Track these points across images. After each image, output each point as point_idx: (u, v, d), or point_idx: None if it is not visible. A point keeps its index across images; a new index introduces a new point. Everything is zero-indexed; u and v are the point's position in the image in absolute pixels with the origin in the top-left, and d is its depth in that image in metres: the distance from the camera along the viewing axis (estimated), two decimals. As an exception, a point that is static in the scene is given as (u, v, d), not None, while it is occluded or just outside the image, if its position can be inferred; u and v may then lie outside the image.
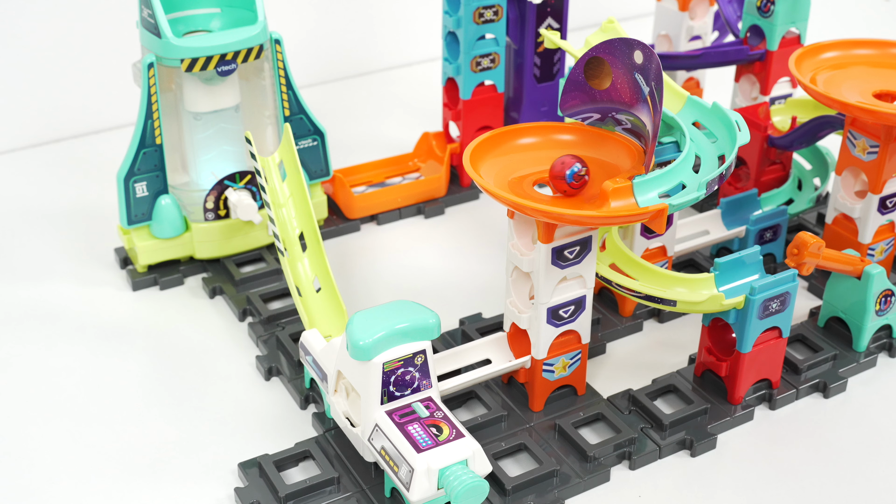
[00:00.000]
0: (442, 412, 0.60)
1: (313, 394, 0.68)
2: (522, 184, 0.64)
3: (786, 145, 0.83)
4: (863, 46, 0.78)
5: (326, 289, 0.71)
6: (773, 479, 0.63)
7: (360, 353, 0.58)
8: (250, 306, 0.76)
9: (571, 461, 0.63)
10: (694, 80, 0.99)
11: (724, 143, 0.66)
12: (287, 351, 0.72)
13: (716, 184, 0.62)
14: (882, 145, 0.72)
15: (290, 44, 0.83)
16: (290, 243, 0.72)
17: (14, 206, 0.91)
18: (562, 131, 0.68)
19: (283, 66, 0.79)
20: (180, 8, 0.78)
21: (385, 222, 0.89)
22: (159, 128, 0.76)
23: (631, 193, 0.60)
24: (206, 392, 0.70)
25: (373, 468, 0.62)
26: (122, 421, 0.68)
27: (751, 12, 0.86)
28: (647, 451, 0.64)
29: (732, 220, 0.80)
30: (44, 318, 0.77)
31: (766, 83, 0.87)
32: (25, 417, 0.68)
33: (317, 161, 0.84)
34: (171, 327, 0.76)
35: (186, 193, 0.81)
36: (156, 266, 0.81)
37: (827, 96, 0.71)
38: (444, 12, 0.87)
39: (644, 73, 0.62)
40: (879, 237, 0.77)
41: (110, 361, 0.73)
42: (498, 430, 0.66)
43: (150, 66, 0.75)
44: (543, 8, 0.90)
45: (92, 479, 0.63)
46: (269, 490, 0.61)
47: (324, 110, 1.05)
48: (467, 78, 0.88)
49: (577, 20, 1.16)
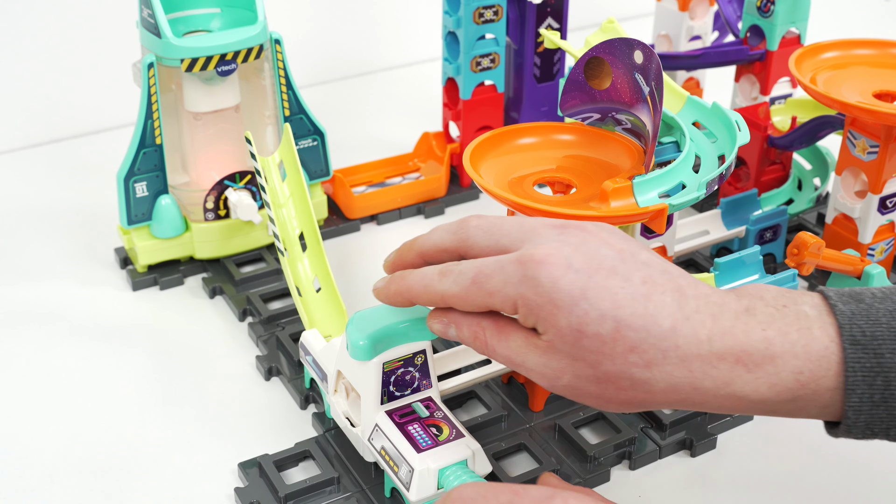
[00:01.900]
0: (442, 412, 0.60)
1: (313, 394, 0.68)
2: (522, 184, 0.64)
3: (786, 145, 0.83)
4: (863, 46, 0.78)
5: (326, 289, 0.71)
6: (773, 479, 0.63)
7: (359, 353, 0.58)
8: (250, 306, 0.76)
9: (571, 461, 0.63)
10: (694, 80, 0.99)
11: (724, 143, 0.66)
12: (287, 351, 0.72)
13: (716, 184, 0.62)
14: (882, 145, 0.72)
15: (290, 44, 0.83)
16: (290, 243, 0.72)
17: (14, 206, 0.91)
18: (562, 131, 0.68)
19: (283, 66, 0.79)
20: (180, 8, 0.78)
21: (385, 222, 0.89)
22: (159, 128, 0.76)
23: (631, 193, 0.60)
24: (206, 392, 0.70)
25: (373, 468, 0.62)
26: (122, 421, 0.68)
27: (751, 12, 0.86)
28: (647, 451, 0.64)
29: (732, 220, 0.80)
30: (44, 318, 0.77)
31: (766, 83, 0.87)
32: (25, 417, 0.68)
33: (317, 161, 0.84)
34: (171, 327, 0.76)
35: (186, 193, 0.81)
36: (156, 266, 0.81)
37: (827, 96, 0.71)
38: (444, 12, 0.87)
39: (644, 73, 0.62)
40: (879, 237, 0.77)
41: (110, 361, 0.73)
42: (498, 430, 0.66)
43: (150, 66, 0.75)
44: (543, 8, 0.90)
45: (92, 478, 0.63)
46: (269, 490, 0.61)
47: (324, 110, 1.04)
48: (467, 78, 0.88)
49: (577, 20, 1.16)
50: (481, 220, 0.52)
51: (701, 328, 0.48)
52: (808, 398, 0.48)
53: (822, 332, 0.47)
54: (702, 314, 0.48)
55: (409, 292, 0.52)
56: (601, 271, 0.48)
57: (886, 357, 0.46)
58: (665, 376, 0.48)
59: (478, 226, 0.52)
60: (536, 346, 0.49)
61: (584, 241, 0.50)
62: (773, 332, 0.48)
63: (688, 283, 0.49)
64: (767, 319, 0.48)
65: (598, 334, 0.48)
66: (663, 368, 0.48)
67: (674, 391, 0.48)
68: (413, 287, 0.52)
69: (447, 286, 0.51)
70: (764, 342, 0.47)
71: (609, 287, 0.48)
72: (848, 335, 0.47)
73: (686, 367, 0.48)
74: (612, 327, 0.47)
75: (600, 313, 0.47)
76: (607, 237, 0.50)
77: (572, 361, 0.48)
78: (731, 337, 0.47)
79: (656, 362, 0.48)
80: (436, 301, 0.52)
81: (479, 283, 0.50)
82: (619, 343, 0.48)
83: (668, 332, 0.47)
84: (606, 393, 0.49)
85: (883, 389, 0.47)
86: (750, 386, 0.48)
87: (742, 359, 0.47)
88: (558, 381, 0.49)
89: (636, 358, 0.48)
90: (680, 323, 0.48)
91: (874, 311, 0.47)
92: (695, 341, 0.47)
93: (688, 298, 0.48)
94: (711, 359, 0.47)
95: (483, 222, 0.52)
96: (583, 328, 0.48)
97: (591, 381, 0.49)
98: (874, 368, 0.46)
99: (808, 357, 0.47)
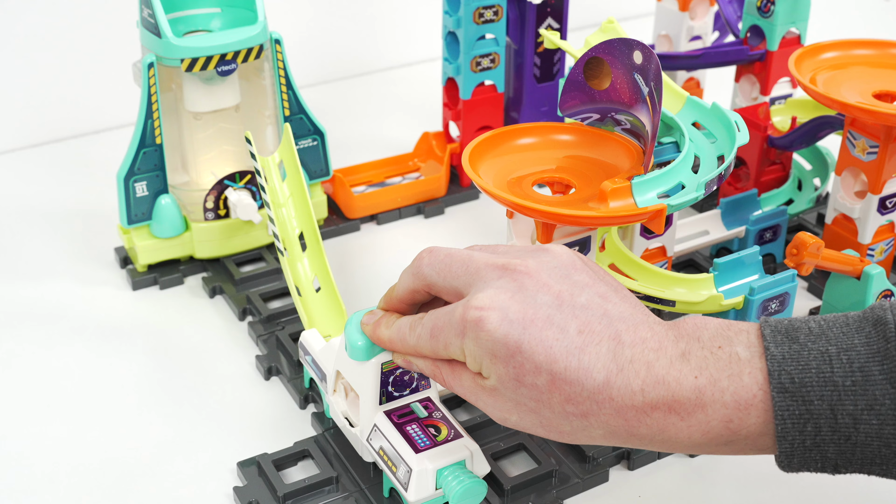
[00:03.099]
0: (440, 412, 0.60)
1: (312, 393, 0.68)
2: (522, 184, 0.64)
3: (786, 145, 0.83)
4: (862, 46, 0.78)
5: (326, 289, 0.71)
6: (773, 479, 0.63)
7: (358, 353, 0.58)
8: (250, 306, 0.77)
9: (570, 461, 0.63)
10: (694, 80, 0.99)
11: (724, 144, 0.66)
12: (286, 350, 0.72)
13: (715, 184, 0.62)
14: (882, 145, 0.72)
15: (290, 44, 0.83)
16: (290, 243, 0.72)
17: (14, 206, 0.91)
18: (561, 131, 0.68)
19: (283, 66, 0.79)
20: (180, 8, 0.78)
21: (385, 222, 0.89)
22: (159, 128, 0.76)
23: (630, 194, 0.60)
24: (206, 391, 0.70)
25: (371, 468, 0.62)
26: (122, 420, 0.68)
27: (751, 12, 0.86)
28: (646, 452, 0.64)
29: (732, 220, 0.80)
30: (44, 318, 0.77)
31: (766, 83, 0.87)
32: (25, 417, 0.68)
33: (317, 161, 0.84)
34: (170, 327, 0.76)
35: (186, 193, 0.81)
36: (156, 266, 0.81)
37: (827, 96, 0.71)
38: (444, 12, 0.87)
39: (643, 74, 0.62)
40: (879, 237, 0.77)
41: (110, 361, 0.73)
42: (497, 430, 0.66)
43: (151, 65, 0.75)
44: (543, 8, 0.90)
45: (92, 478, 0.63)
46: (267, 489, 0.61)
47: (324, 110, 1.05)
48: (467, 78, 0.88)
49: (577, 20, 1.16)
50: (432, 257, 0.54)
51: (634, 379, 0.48)
52: (741, 442, 0.49)
53: (751, 378, 0.48)
54: (636, 364, 0.49)
55: (392, 344, 0.56)
56: (536, 322, 0.49)
57: (815, 404, 0.46)
58: (602, 424, 0.49)
59: (430, 264, 0.54)
60: (484, 388, 0.51)
61: (521, 286, 0.50)
62: (704, 379, 0.48)
63: (626, 328, 0.50)
64: (701, 365, 0.48)
65: (534, 385, 0.49)
66: (599, 418, 0.49)
67: (612, 436, 0.50)
68: (393, 339, 0.56)
69: (415, 340, 0.54)
70: (695, 391, 0.48)
71: (544, 339, 0.49)
72: (777, 383, 0.47)
73: (621, 417, 0.49)
74: (548, 380, 0.49)
75: (535, 366, 0.49)
76: (546, 278, 0.51)
77: (516, 405, 0.51)
78: (664, 387, 0.48)
79: (592, 413, 0.49)
80: (411, 352, 0.55)
81: (435, 336, 0.52)
82: (554, 394, 0.49)
83: (601, 386, 0.48)
84: (551, 433, 0.51)
85: (814, 435, 0.47)
86: (684, 433, 0.48)
87: (674, 408, 0.48)
88: (507, 420, 0.52)
89: (572, 409, 0.49)
90: (614, 375, 0.48)
91: (805, 354, 0.47)
92: (628, 393, 0.48)
93: (624, 347, 0.49)
94: (645, 408, 0.48)
95: (434, 259, 0.54)
96: (520, 379, 0.49)
97: (535, 424, 0.51)
98: (803, 416, 0.47)
99: (736, 406, 0.48)
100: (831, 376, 0.46)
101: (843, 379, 0.46)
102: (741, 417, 0.48)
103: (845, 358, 0.47)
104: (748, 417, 0.48)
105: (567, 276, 0.51)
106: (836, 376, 0.46)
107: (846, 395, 0.46)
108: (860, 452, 0.47)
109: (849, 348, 0.47)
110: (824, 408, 0.46)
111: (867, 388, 0.46)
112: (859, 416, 0.46)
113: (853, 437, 0.47)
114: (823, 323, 0.48)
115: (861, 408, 0.46)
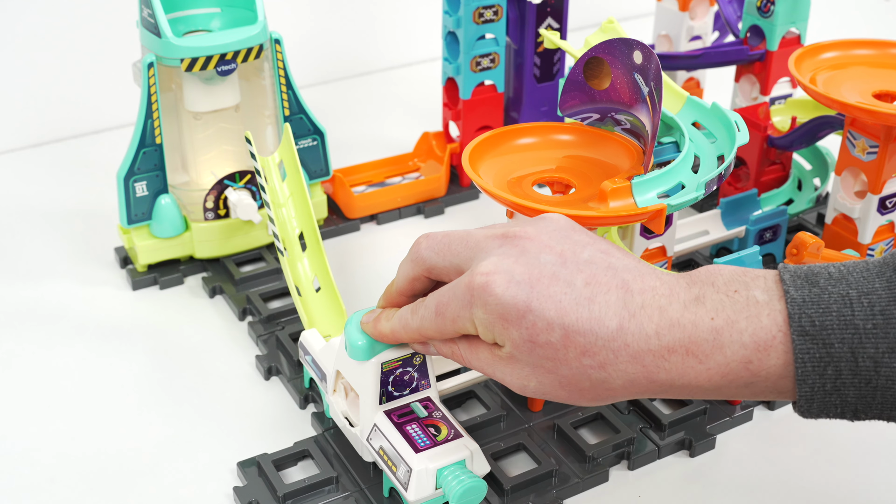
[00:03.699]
0: (440, 412, 0.60)
1: (312, 393, 0.68)
2: (521, 184, 0.64)
3: (786, 145, 0.83)
4: (862, 46, 0.78)
5: (326, 288, 0.71)
6: (773, 479, 0.63)
7: (358, 352, 0.58)
8: (250, 306, 0.77)
9: (570, 461, 0.63)
10: (694, 80, 0.99)
11: (724, 144, 0.66)
12: (286, 350, 0.72)
13: (715, 184, 0.62)
14: (882, 145, 0.72)
15: (290, 44, 0.83)
16: (290, 243, 0.72)
17: (14, 206, 0.91)
18: (561, 131, 0.68)
19: (283, 66, 0.79)
20: (180, 8, 0.78)
21: (385, 222, 0.89)
22: (159, 127, 0.76)
23: (629, 193, 0.60)
24: (206, 391, 0.70)
25: (371, 468, 0.62)
26: (122, 420, 0.68)
27: (751, 12, 0.86)
28: (646, 452, 0.64)
29: (732, 220, 0.80)
30: (44, 318, 0.77)
31: (766, 83, 0.87)
32: (25, 417, 0.68)
33: (317, 161, 0.84)
34: (170, 327, 0.76)
35: (186, 193, 0.81)
36: (156, 265, 0.81)
37: (827, 96, 0.71)
38: (444, 12, 0.87)
39: (643, 74, 0.62)
40: (879, 237, 0.77)
41: (110, 361, 0.73)
42: (497, 430, 0.66)
43: (150, 65, 0.75)
44: (543, 8, 0.90)
45: (92, 478, 0.63)
46: (267, 489, 0.61)
47: (324, 110, 1.05)
48: (467, 78, 0.88)
49: (577, 20, 1.16)
50: (430, 241, 0.54)
51: (648, 323, 0.48)
52: (761, 384, 0.48)
53: (770, 319, 0.47)
54: (648, 309, 0.48)
55: (394, 334, 0.55)
56: (542, 280, 0.49)
57: (836, 347, 0.46)
58: (620, 374, 0.49)
59: (428, 247, 0.54)
60: (500, 358, 0.51)
61: (523, 250, 0.50)
62: (721, 321, 0.48)
63: (633, 277, 0.50)
64: (717, 307, 0.48)
65: (549, 342, 0.49)
66: (617, 367, 0.49)
67: (633, 385, 0.49)
68: (395, 328, 0.55)
69: (419, 322, 0.53)
70: (712, 332, 0.48)
71: (552, 295, 0.49)
72: (797, 325, 0.46)
73: (639, 363, 0.48)
74: (561, 335, 0.49)
75: (547, 322, 0.49)
76: (547, 240, 0.51)
77: (533, 369, 0.50)
78: (680, 329, 0.48)
79: (609, 362, 0.49)
80: (416, 337, 0.54)
81: (441, 313, 0.52)
82: (570, 349, 0.49)
83: (615, 332, 0.48)
84: (572, 394, 0.50)
85: (834, 379, 0.46)
86: (704, 375, 0.48)
87: (692, 350, 0.48)
88: (527, 387, 0.51)
89: (589, 361, 0.49)
90: (626, 321, 0.48)
91: (825, 298, 0.47)
92: (643, 337, 0.48)
93: (633, 294, 0.49)
94: (662, 352, 0.48)
95: (432, 242, 0.54)
96: (534, 339, 0.49)
97: (555, 385, 0.50)
98: (824, 359, 0.46)
99: (755, 346, 0.47)
100: (852, 319, 0.46)
101: (863, 322, 0.46)
102: (760, 358, 0.47)
103: (866, 301, 0.46)
104: (768, 359, 0.47)
105: (567, 237, 0.51)
106: (856, 319, 0.46)
107: (867, 338, 0.46)
108: (880, 396, 0.47)
109: (869, 292, 0.46)
110: (845, 351, 0.46)
111: (888, 331, 0.46)
112: (880, 360, 0.46)
113: (874, 380, 0.46)
114: (843, 268, 0.48)
115: (882, 350, 0.46)
